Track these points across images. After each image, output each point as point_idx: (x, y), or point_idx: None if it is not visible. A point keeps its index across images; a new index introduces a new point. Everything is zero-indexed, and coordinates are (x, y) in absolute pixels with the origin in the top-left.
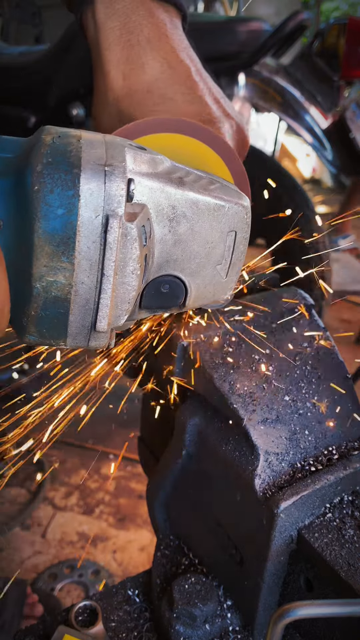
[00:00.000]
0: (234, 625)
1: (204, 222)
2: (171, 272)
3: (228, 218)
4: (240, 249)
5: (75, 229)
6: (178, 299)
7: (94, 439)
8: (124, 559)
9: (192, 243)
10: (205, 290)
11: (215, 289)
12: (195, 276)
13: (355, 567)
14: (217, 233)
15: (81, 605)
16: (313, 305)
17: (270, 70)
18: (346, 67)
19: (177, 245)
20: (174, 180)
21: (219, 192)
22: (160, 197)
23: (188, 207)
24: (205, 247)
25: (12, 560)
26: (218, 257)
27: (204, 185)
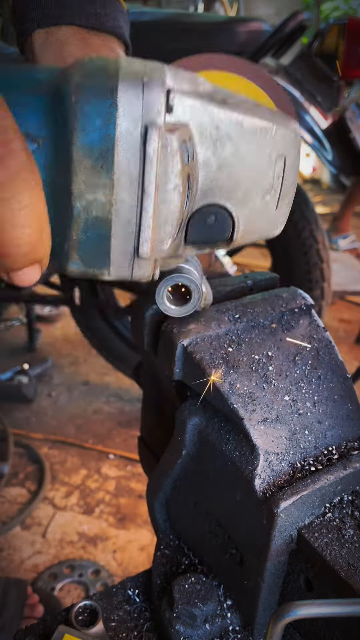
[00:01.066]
0: (234, 624)
1: (251, 145)
2: (217, 200)
3: (276, 141)
4: (290, 179)
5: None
6: (225, 232)
7: (94, 439)
8: (124, 559)
9: (238, 168)
10: (254, 223)
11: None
12: (243, 206)
13: (355, 566)
14: (265, 157)
15: (81, 604)
16: (313, 305)
17: (270, 71)
18: (346, 67)
19: (221, 169)
20: (217, 100)
21: (265, 114)
22: (202, 116)
23: (232, 127)
24: (253, 173)
25: (12, 560)
26: (267, 186)
27: (249, 107)
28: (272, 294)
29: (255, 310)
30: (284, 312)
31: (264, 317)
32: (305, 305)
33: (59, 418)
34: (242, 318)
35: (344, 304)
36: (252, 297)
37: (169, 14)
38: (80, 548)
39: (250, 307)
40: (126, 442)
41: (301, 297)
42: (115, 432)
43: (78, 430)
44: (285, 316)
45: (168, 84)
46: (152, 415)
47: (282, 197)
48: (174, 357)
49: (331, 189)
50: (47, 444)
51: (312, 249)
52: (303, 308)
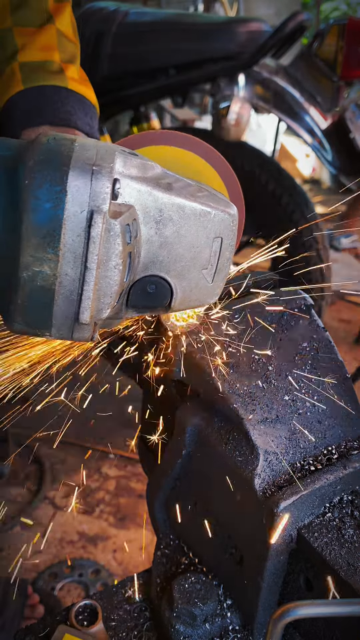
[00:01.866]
0: (234, 624)
1: (190, 227)
2: (157, 272)
3: (214, 224)
4: (226, 256)
5: (61, 223)
6: (164, 299)
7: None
8: (124, 558)
9: (178, 246)
10: (191, 293)
11: (201, 293)
12: (181, 278)
13: (354, 566)
14: (203, 238)
15: (81, 604)
16: (312, 305)
17: (270, 71)
18: (346, 67)
19: (163, 247)
20: (162, 185)
21: (206, 199)
22: (147, 199)
23: (175, 211)
24: (191, 251)
25: (13, 559)
26: (204, 262)
27: (192, 192)
28: (271, 294)
29: (255, 311)
30: (283, 312)
31: (264, 317)
32: (305, 305)
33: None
34: (242, 318)
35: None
36: (252, 297)
37: (169, 14)
38: (80, 547)
39: (250, 307)
40: (126, 441)
41: (301, 297)
42: (115, 431)
43: (78, 430)
44: (285, 316)
45: (117, 169)
46: (152, 415)
47: (217, 272)
48: (174, 357)
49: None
50: (47, 443)
51: (312, 249)
52: (303, 308)
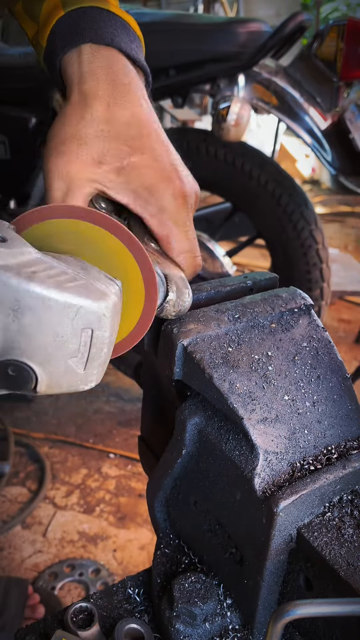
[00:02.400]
0: (234, 623)
1: (52, 317)
2: (17, 357)
3: (81, 316)
4: (98, 346)
5: None
6: (27, 383)
7: (94, 438)
8: (124, 558)
9: (39, 334)
10: (60, 379)
11: (72, 380)
12: (45, 365)
13: (354, 566)
14: (69, 329)
15: (77, 606)
16: (312, 305)
17: (269, 72)
18: (345, 68)
19: (21, 334)
20: (23, 274)
21: (76, 289)
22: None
23: (34, 301)
24: (55, 340)
25: (13, 559)
26: (72, 351)
27: (61, 282)
28: (271, 294)
29: (254, 310)
30: (283, 312)
31: (263, 317)
32: (305, 305)
33: (60, 417)
34: (242, 318)
35: (344, 304)
36: (252, 297)
37: (168, 15)
38: (81, 547)
39: (250, 307)
40: (126, 441)
41: (300, 297)
42: (115, 431)
43: (78, 429)
44: (285, 316)
45: None
46: (152, 415)
47: (90, 360)
48: (174, 357)
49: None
50: (47, 443)
51: (311, 249)
52: (302, 308)
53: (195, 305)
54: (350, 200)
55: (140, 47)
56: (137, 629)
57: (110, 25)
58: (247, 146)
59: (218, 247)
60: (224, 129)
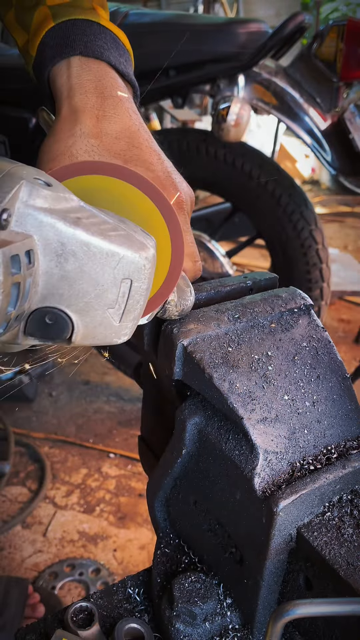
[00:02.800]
0: (234, 623)
1: (95, 265)
2: (56, 305)
3: (123, 265)
4: (135, 298)
5: None
6: (63, 332)
7: (94, 438)
8: (124, 558)
9: (81, 281)
10: (95, 330)
11: (107, 331)
12: (83, 314)
13: (354, 565)
14: (110, 277)
15: (77, 606)
16: (312, 305)
17: (269, 72)
18: (345, 68)
19: (63, 280)
20: (68, 219)
21: (119, 238)
22: (49, 231)
23: (79, 246)
24: (96, 289)
25: (13, 559)
26: (110, 301)
27: (104, 230)
28: (271, 294)
29: (254, 310)
30: (283, 312)
31: (263, 317)
32: (305, 305)
33: (60, 417)
34: (242, 318)
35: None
36: (252, 297)
37: (169, 15)
38: (81, 547)
39: (250, 307)
40: (126, 441)
41: (300, 297)
42: (115, 431)
43: (79, 429)
44: (285, 316)
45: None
46: (152, 415)
47: (126, 312)
48: (174, 357)
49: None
50: (47, 443)
51: (311, 250)
52: (302, 308)
53: (195, 305)
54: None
55: (129, 61)
56: (137, 628)
57: (100, 39)
58: (247, 146)
59: (218, 247)
60: (224, 129)
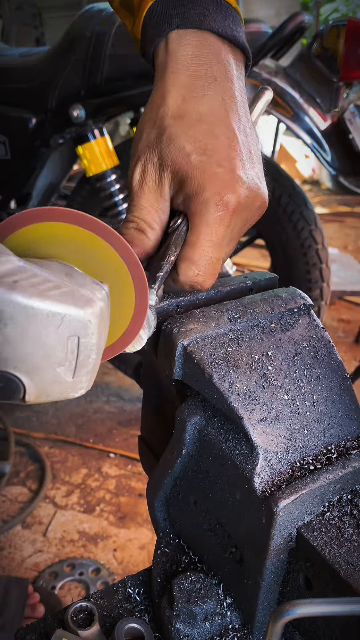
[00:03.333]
0: (234, 623)
1: (37, 326)
2: (3, 368)
3: (66, 324)
4: (85, 353)
5: None
6: (15, 394)
7: (94, 438)
8: (124, 557)
9: (24, 344)
10: (48, 388)
11: (61, 388)
12: (33, 375)
13: (354, 565)
14: (54, 337)
15: (77, 606)
16: (312, 305)
17: (269, 72)
18: (345, 68)
19: (6, 345)
20: (4, 284)
21: (60, 297)
22: None
23: (17, 310)
24: (41, 350)
25: (13, 558)
26: (59, 359)
27: (44, 290)
28: (271, 294)
29: (254, 310)
30: (283, 312)
31: (263, 317)
32: (304, 305)
33: (60, 417)
34: (242, 318)
35: (343, 304)
36: (252, 297)
37: None
38: (81, 547)
39: (250, 307)
40: (126, 441)
41: (300, 297)
42: (115, 431)
43: (79, 429)
44: (285, 316)
45: None
46: (152, 415)
47: (78, 367)
48: (174, 357)
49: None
50: (48, 443)
51: (311, 249)
52: (302, 308)
53: (195, 305)
54: (350, 200)
55: (237, 22)
56: (137, 628)
57: (200, 4)
58: None
59: None
60: None
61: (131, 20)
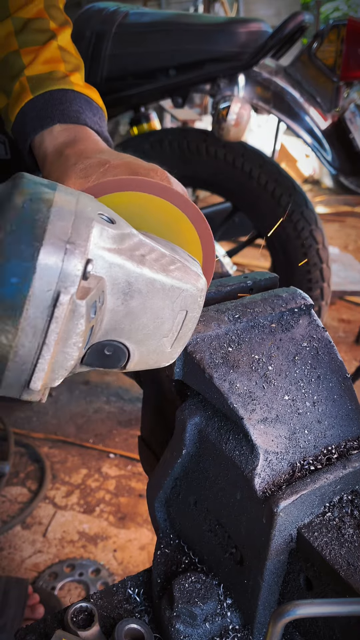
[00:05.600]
0: (234, 623)
1: (157, 300)
2: (117, 338)
3: (182, 299)
4: (188, 326)
5: (25, 299)
6: (120, 362)
7: (94, 438)
8: (124, 558)
9: (142, 316)
10: (148, 357)
11: (159, 357)
12: (140, 344)
13: (354, 566)
14: (169, 310)
15: (77, 606)
16: (312, 305)
17: (270, 72)
18: (345, 68)
19: (127, 316)
20: (135, 258)
21: (177, 272)
22: (118, 272)
23: (144, 284)
24: (155, 321)
25: (13, 559)
26: (166, 331)
27: (164, 265)
28: (271, 294)
29: (255, 310)
30: (283, 312)
31: (263, 317)
32: (305, 305)
33: (60, 417)
34: (242, 318)
35: (344, 304)
36: (252, 297)
37: (169, 15)
38: (81, 547)
39: (250, 307)
40: (126, 441)
41: (301, 297)
42: (115, 431)
43: (78, 429)
44: (285, 316)
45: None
46: (152, 415)
47: (178, 339)
48: None
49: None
50: (47, 443)
51: (311, 249)
52: (302, 308)
53: None
54: (351, 200)
55: (102, 117)
56: (137, 629)
57: (76, 104)
58: (247, 146)
59: (218, 247)
60: (224, 129)
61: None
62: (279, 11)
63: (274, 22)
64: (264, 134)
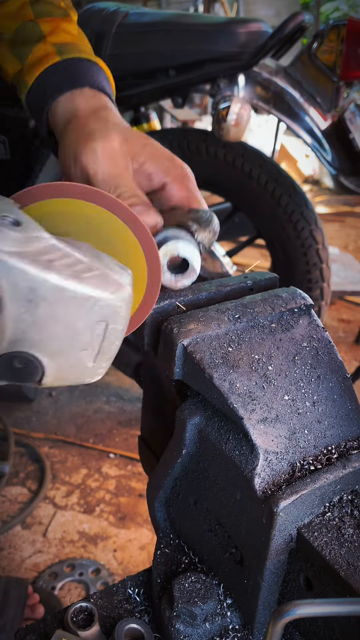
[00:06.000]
0: (234, 623)
1: (68, 309)
2: (26, 349)
3: (98, 309)
4: (110, 339)
5: None
6: (33, 376)
7: (94, 438)
8: (124, 558)
9: (52, 326)
10: (67, 372)
11: (80, 373)
12: (55, 358)
13: (354, 566)
14: (84, 321)
15: (77, 606)
16: (312, 305)
17: (270, 72)
18: (345, 68)
19: (33, 326)
20: (40, 263)
21: (94, 280)
22: (18, 277)
23: (50, 291)
24: (68, 332)
25: (13, 559)
26: (84, 344)
27: (78, 272)
28: (271, 294)
29: (255, 310)
30: (283, 312)
31: (263, 317)
32: (305, 305)
33: (60, 417)
34: (242, 318)
35: (344, 304)
36: (252, 297)
37: (169, 15)
38: (81, 547)
39: (250, 307)
40: (126, 441)
41: (300, 297)
42: (115, 431)
43: (78, 429)
44: (285, 316)
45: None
46: (152, 415)
47: (100, 354)
48: (174, 357)
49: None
50: (47, 443)
51: (311, 249)
52: (302, 308)
53: (195, 305)
54: (351, 200)
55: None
56: (137, 629)
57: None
58: (247, 146)
59: (218, 247)
60: (224, 129)
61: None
62: (279, 11)
63: (274, 22)
64: (264, 134)
